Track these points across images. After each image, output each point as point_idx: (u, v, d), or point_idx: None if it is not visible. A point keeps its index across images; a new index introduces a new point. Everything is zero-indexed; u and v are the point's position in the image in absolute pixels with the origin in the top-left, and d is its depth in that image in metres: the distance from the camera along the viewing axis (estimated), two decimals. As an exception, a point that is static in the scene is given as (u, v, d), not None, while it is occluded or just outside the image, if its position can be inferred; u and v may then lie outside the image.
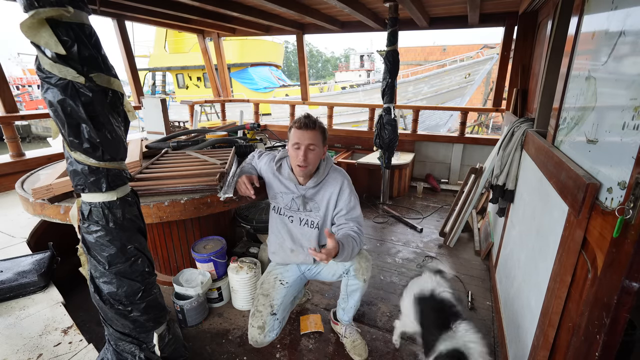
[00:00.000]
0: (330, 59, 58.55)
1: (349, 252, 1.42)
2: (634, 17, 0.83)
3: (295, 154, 1.50)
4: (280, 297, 1.60)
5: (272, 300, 1.58)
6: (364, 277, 1.59)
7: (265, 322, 1.51)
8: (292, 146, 1.51)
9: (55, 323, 1.41)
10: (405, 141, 4.51)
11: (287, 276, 1.70)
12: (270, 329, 1.51)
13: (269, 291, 1.62)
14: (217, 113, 10.38)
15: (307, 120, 1.47)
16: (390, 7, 3.15)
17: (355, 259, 1.60)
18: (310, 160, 1.49)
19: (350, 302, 1.68)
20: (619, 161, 0.80)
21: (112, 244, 0.99)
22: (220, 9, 3.48)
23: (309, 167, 1.52)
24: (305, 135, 1.46)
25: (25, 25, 0.75)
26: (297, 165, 1.51)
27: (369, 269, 1.62)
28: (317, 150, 1.50)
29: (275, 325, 1.53)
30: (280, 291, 1.62)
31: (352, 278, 1.60)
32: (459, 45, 19.78)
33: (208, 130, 2.89)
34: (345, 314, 1.74)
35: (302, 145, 1.47)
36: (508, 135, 2.15)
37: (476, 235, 2.94)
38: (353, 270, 1.59)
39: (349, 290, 1.65)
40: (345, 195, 1.59)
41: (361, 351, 1.71)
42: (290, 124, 1.55)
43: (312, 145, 1.48)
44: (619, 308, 0.74)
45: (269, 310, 1.54)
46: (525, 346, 1.31)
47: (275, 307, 1.56)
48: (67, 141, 0.88)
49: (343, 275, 1.64)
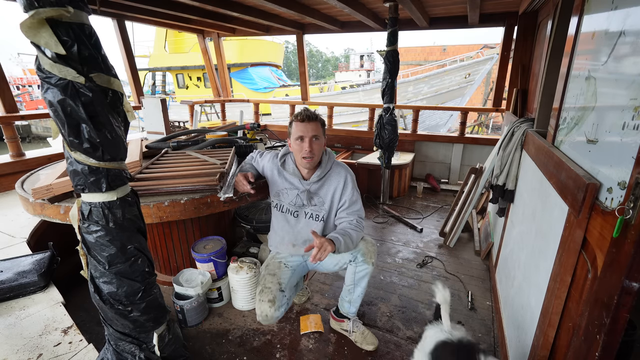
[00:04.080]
0: (330, 59, 58.53)
1: (347, 242, 1.50)
2: (634, 17, 0.83)
3: (299, 147, 1.56)
4: (287, 278, 1.66)
5: (279, 278, 1.63)
6: (372, 260, 1.65)
7: (276, 296, 1.55)
8: (295, 140, 1.57)
9: (55, 323, 1.41)
10: (405, 141, 4.50)
11: (291, 260, 1.76)
12: (280, 303, 1.55)
13: (275, 271, 1.67)
14: (217, 113, 10.37)
15: (308, 112, 1.55)
16: (390, 7, 3.15)
17: (362, 245, 1.66)
18: (315, 150, 1.57)
19: (357, 290, 1.71)
20: (619, 161, 0.80)
21: (112, 244, 0.99)
22: (220, 9, 3.47)
23: (315, 157, 1.59)
24: (308, 127, 1.53)
25: (25, 25, 0.75)
26: (302, 158, 1.57)
27: (375, 252, 1.69)
28: (320, 140, 1.58)
29: (284, 300, 1.58)
30: (285, 272, 1.68)
31: (360, 264, 1.64)
32: (459, 45, 19.78)
33: (208, 130, 2.89)
34: (352, 305, 1.77)
35: (307, 137, 1.54)
36: (508, 135, 2.14)
37: (476, 235, 2.94)
38: (361, 256, 1.63)
39: (356, 277, 1.68)
40: (348, 189, 1.67)
41: (373, 339, 1.76)
42: (290, 119, 1.60)
43: (315, 136, 1.55)
44: (619, 308, 0.74)
45: (278, 287, 1.59)
46: (525, 346, 1.31)
47: (283, 285, 1.61)
48: (67, 141, 0.88)
49: (349, 263, 1.67)
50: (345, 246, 1.49)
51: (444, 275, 2.44)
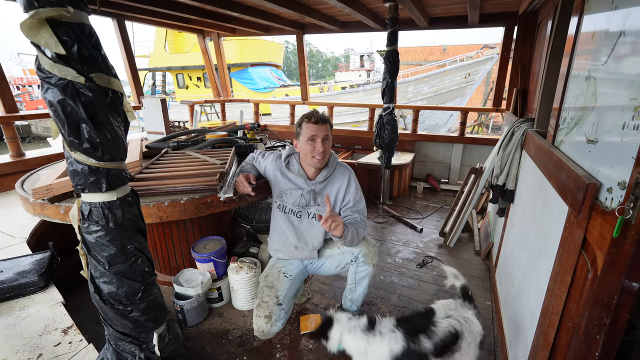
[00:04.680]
0: (330, 59, 58.53)
1: (353, 233, 1.51)
2: (634, 17, 0.83)
3: (311, 147, 1.59)
4: (285, 289, 1.65)
5: (277, 291, 1.63)
6: (373, 261, 1.66)
7: (272, 311, 1.55)
8: (307, 140, 1.59)
9: (55, 323, 1.41)
10: (405, 141, 4.50)
11: (290, 269, 1.75)
12: (276, 318, 1.54)
13: (274, 283, 1.67)
14: (217, 113, 10.38)
15: (320, 114, 1.60)
16: (390, 7, 3.15)
17: (362, 245, 1.67)
18: (327, 150, 1.62)
19: (358, 290, 1.73)
20: (619, 161, 0.80)
21: (112, 244, 0.99)
22: (220, 9, 3.48)
23: (326, 157, 1.64)
24: (321, 128, 1.58)
25: (25, 25, 0.75)
26: (313, 157, 1.61)
27: (376, 253, 1.70)
28: (330, 141, 1.64)
29: (281, 315, 1.57)
30: (284, 283, 1.67)
31: (361, 264, 1.65)
32: (459, 45, 19.78)
33: (208, 130, 2.89)
34: (354, 304, 1.79)
35: (319, 137, 1.58)
36: (508, 135, 2.14)
37: (476, 235, 2.94)
38: (362, 256, 1.65)
39: (357, 277, 1.69)
40: (352, 188, 1.70)
41: None
42: (299, 120, 1.63)
43: (326, 136, 1.60)
44: (619, 308, 0.74)
45: (275, 301, 1.58)
46: (525, 346, 1.31)
47: (280, 298, 1.60)
48: (67, 141, 0.88)
49: (350, 263, 1.68)
50: (351, 237, 1.50)
51: (444, 275, 2.43)
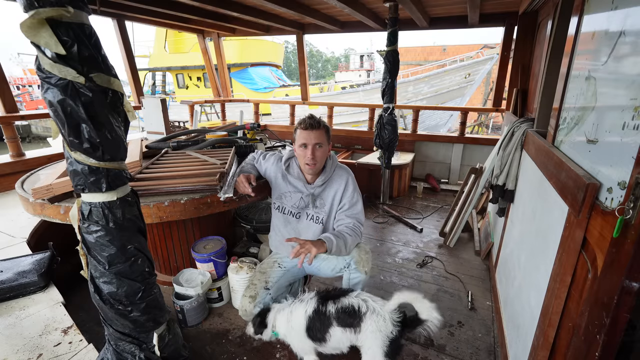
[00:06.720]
0: (330, 59, 58.52)
1: (340, 245, 1.51)
2: (634, 17, 0.83)
3: (303, 154, 1.59)
4: (276, 277, 1.69)
5: (267, 277, 1.68)
6: (365, 269, 1.64)
7: (258, 293, 1.60)
8: (299, 147, 1.59)
9: (55, 323, 1.41)
10: (405, 141, 4.51)
11: (287, 261, 1.78)
12: (260, 300, 1.59)
13: (266, 270, 1.72)
14: (217, 113, 10.38)
15: (312, 120, 1.56)
16: (390, 7, 3.15)
17: (355, 252, 1.66)
18: (318, 158, 1.58)
19: None
20: (619, 161, 0.80)
21: (112, 244, 0.99)
22: (220, 9, 3.48)
23: (317, 164, 1.61)
24: (312, 135, 1.55)
25: (25, 25, 0.75)
26: (305, 164, 1.60)
27: (369, 260, 1.68)
28: (324, 148, 1.60)
29: (266, 299, 1.61)
30: (276, 272, 1.72)
31: (353, 271, 1.64)
32: (459, 45, 19.80)
33: (208, 130, 2.89)
34: None
35: (310, 145, 1.56)
36: (508, 135, 2.14)
37: (476, 235, 2.94)
38: (354, 264, 1.64)
39: (350, 283, 1.69)
40: (349, 191, 1.69)
41: None
42: (295, 125, 1.62)
43: (319, 144, 1.57)
44: (619, 308, 0.74)
45: (263, 285, 1.64)
46: (525, 346, 1.31)
47: (269, 284, 1.65)
48: (67, 141, 0.88)
49: (344, 269, 1.67)
50: (337, 248, 1.50)
51: (443, 275, 2.43)
